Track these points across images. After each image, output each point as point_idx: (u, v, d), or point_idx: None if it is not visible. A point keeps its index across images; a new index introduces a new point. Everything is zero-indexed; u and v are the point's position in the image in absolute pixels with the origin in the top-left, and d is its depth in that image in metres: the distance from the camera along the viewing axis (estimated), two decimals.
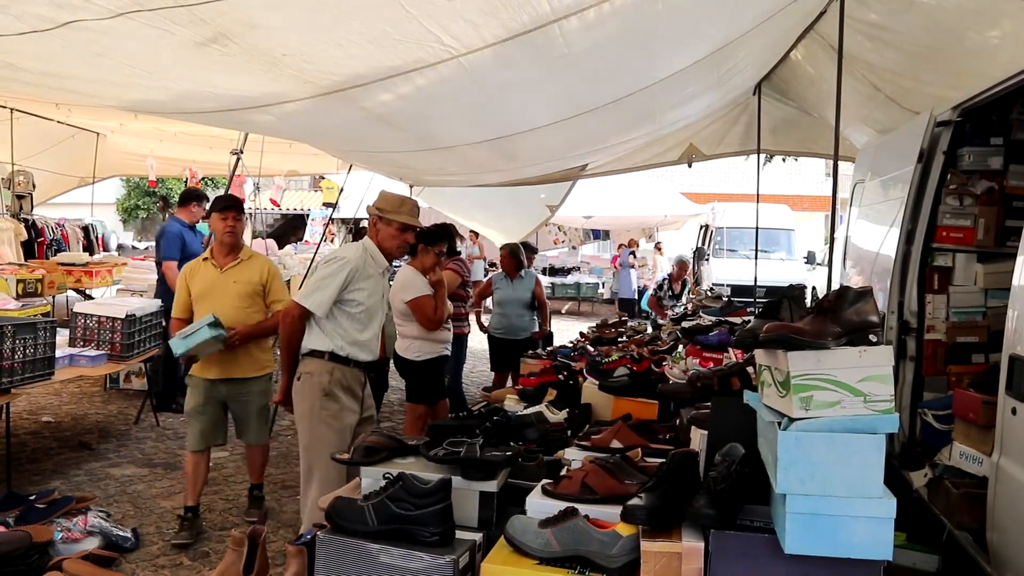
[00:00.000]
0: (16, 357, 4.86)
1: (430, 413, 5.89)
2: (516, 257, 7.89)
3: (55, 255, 11.30)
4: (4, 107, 9.43)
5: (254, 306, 4.94)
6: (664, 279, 11.43)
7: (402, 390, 6.51)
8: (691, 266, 19.29)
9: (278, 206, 19.67)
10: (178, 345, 4.65)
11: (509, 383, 7.46)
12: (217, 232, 4.98)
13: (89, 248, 12.93)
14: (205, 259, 5.00)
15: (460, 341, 7.11)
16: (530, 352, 5.99)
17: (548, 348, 6.79)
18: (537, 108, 5.06)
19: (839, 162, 4.70)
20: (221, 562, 2.57)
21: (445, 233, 6.99)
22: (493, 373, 8.25)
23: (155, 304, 6.67)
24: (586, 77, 4.35)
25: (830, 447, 1.87)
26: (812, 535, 1.88)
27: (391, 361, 6.27)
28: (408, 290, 5.72)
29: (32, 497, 4.75)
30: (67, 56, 3.39)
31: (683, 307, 10.83)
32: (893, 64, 5.16)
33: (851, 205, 6.14)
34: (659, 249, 19.64)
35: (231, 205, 5.01)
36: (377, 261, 4.24)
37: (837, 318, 1.95)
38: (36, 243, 11.62)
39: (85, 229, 13.43)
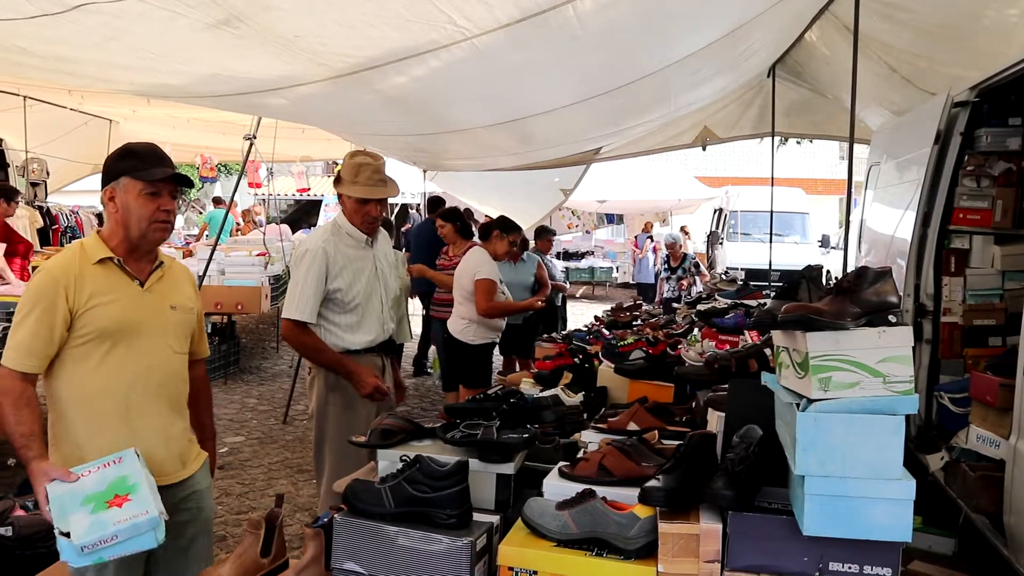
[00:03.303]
0: None
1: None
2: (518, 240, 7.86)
3: (69, 242, 11.36)
4: (17, 94, 9.47)
5: (186, 352, 2.79)
6: (665, 256, 11.63)
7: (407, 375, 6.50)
8: (707, 249, 19.28)
9: (308, 191, 19.66)
10: (78, 555, 2.24)
11: (517, 367, 7.46)
12: (139, 217, 2.55)
13: None
14: (104, 261, 2.56)
15: None
16: (545, 336, 5.99)
17: (563, 332, 6.78)
18: (551, 90, 5.04)
19: (854, 144, 4.67)
20: (239, 545, 2.58)
21: (458, 216, 7.00)
22: (502, 357, 8.24)
23: None
24: (600, 59, 4.32)
25: (849, 428, 1.86)
26: (831, 517, 1.87)
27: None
28: (483, 269, 5.75)
29: None
30: (79, 40, 3.39)
31: (676, 279, 10.97)
32: (909, 44, 5.11)
33: (866, 188, 6.09)
34: (685, 232, 19.58)
35: (171, 175, 2.60)
36: (355, 237, 3.82)
37: (856, 298, 1.93)
38: (51, 230, 11.68)
39: (99, 216, 13.47)
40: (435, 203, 10.04)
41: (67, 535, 2.24)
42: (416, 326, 8.87)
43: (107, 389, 2.54)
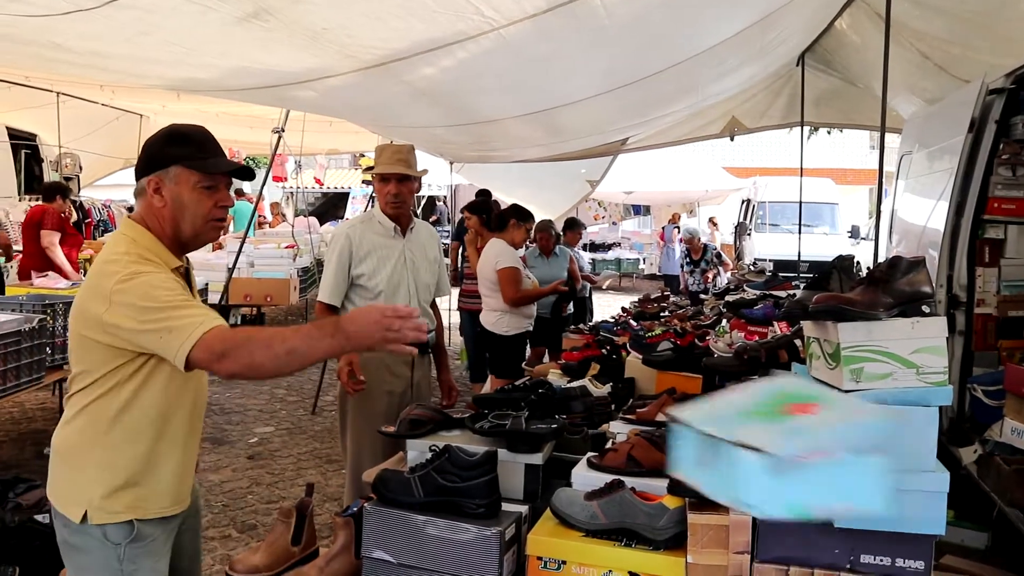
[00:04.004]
0: (68, 335, 4.97)
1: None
2: (552, 235, 7.80)
3: (102, 236, 11.54)
4: (50, 91, 9.61)
5: None
6: (685, 249, 11.49)
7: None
8: (735, 240, 19.14)
9: (321, 184, 19.81)
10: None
11: (546, 358, 7.45)
12: (194, 214, 2.19)
13: None
14: (175, 270, 2.22)
15: None
16: (572, 327, 5.98)
17: (591, 323, 6.77)
18: (578, 81, 5.03)
19: (886, 133, 4.61)
20: (269, 533, 2.61)
21: (484, 208, 7.01)
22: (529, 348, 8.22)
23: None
24: (627, 48, 4.30)
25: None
26: None
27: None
28: (501, 260, 5.75)
29: None
30: (112, 35, 3.44)
31: (700, 271, 10.87)
32: (942, 31, 5.03)
33: (897, 177, 6.01)
34: (713, 223, 19.44)
35: (233, 168, 2.29)
36: (384, 225, 3.84)
37: (889, 288, 1.91)
38: (84, 224, 11.86)
39: (130, 210, 13.66)
40: (483, 195, 9.83)
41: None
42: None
43: (174, 410, 2.22)
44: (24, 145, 12.15)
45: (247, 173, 2.35)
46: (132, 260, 2.11)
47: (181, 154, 2.17)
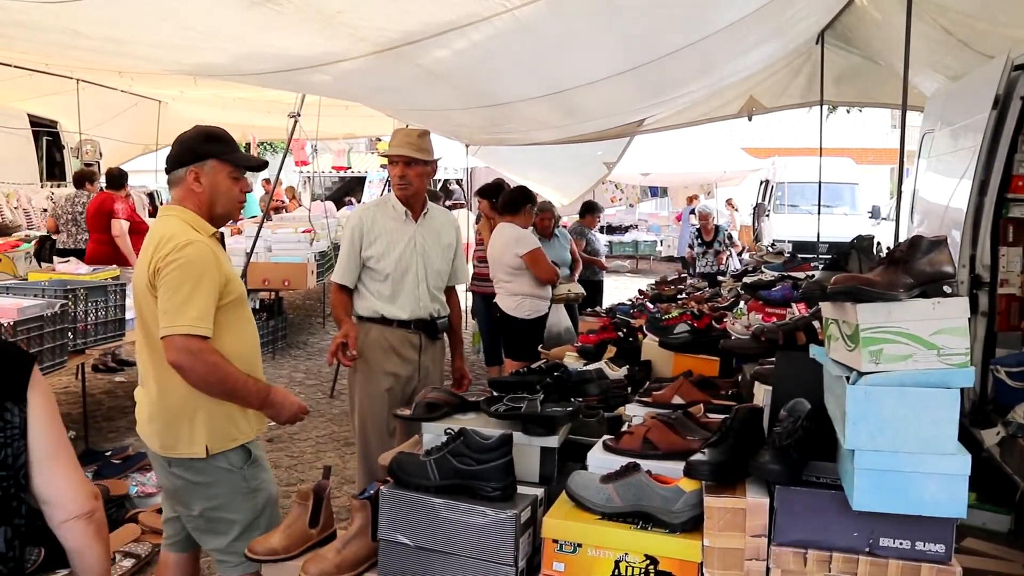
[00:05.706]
0: (89, 319, 5.03)
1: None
2: (553, 216, 7.71)
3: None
4: (70, 77, 9.67)
5: None
6: (695, 229, 11.35)
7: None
8: (753, 222, 18.99)
9: (344, 169, 19.78)
10: None
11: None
12: (228, 198, 2.76)
13: (154, 214, 13.24)
14: (212, 236, 2.75)
15: None
16: (588, 310, 5.96)
17: (606, 306, 6.74)
18: (593, 61, 4.98)
19: (907, 112, 4.54)
20: (287, 516, 2.63)
21: (494, 192, 7.00)
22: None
23: None
24: (643, 27, 4.25)
25: (901, 402, 1.81)
26: (881, 492, 1.83)
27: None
28: (522, 244, 5.73)
29: (108, 453, 4.93)
30: (127, 21, 3.45)
31: (713, 253, 10.76)
32: (966, 5, 4.94)
33: (919, 156, 5.94)
34: (731, 205, 19.28)
35: (261, 164, 3.07)
36: (396, 209, 3.87)
37: (909, 269, 1.88)
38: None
39: (150, 195, 13.76)
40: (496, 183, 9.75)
41: None
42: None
43: (243, 351, 2.74)
44: (45, 132, 12.25)
45: (263, 166, 2.98)
46: (187, 234, 2.60)
47: (218, 150, 2.70)
